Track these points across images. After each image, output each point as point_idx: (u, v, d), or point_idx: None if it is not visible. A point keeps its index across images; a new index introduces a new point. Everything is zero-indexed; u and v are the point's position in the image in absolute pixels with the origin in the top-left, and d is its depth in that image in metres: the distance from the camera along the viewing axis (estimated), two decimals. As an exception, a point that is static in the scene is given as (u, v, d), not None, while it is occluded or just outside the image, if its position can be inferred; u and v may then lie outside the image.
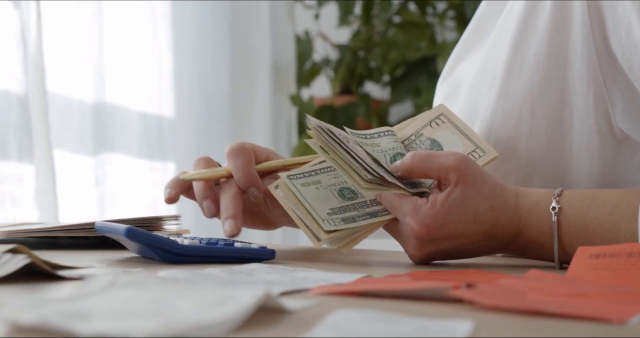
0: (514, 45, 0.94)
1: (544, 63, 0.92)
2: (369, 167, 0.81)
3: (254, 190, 0.90)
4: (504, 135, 0.95)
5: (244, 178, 0.90)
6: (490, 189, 0.83)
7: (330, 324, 0.44)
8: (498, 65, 0.96)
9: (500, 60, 0.96)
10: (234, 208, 0.89)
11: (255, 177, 0.90)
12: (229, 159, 0.92)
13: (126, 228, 0.79)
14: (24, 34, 1.49)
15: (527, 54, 0.93)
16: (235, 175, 0.90)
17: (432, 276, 0.72)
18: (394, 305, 0.55)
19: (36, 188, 1.51)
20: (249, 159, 0.91)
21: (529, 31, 0.94)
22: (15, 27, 1.48)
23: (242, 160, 0.91)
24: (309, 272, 0.71)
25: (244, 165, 0.90)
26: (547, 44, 0.92)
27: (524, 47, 0.94)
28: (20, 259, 0.63)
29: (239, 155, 0.91)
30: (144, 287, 0.48)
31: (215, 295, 0.46)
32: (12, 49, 1.47)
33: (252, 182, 0.90)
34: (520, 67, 0.94)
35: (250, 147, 0.93)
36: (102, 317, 0.43)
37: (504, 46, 0.96)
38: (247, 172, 0.90)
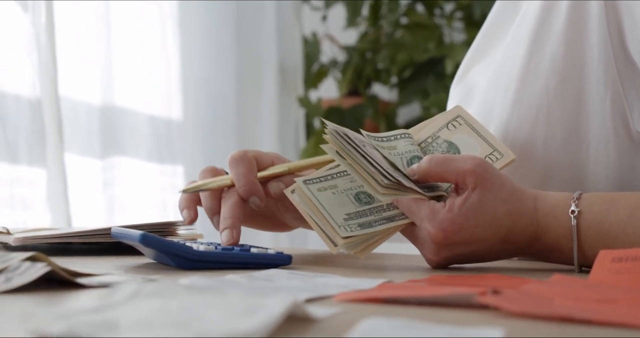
0: (530, 47, 0.94)
1: (560, 65, 0.92)
2: (386, 172, 0.81)
3: (255, 199, 0.90)
4: (520, 138, 0.94)
5: (245, 187, 0.90)
6: (508, 193, 0.82)
7: (361, 332, 0.44)
8: (514, 67, 0.95)
9: (516, 62, 0.95)
10: (232, 218, 0.89)
11: (256, 186, 0.90)
12: (230, 168, 0.92)
13: (141, 235, 0.78)
14: (37, 38, 1.48)
15: (544, 56, 0.93)
16: (236, 183, 0.90)
17: (452, 281, 0.72)
18: (420, 312, 0.54)
19: (47, 192, 1.50)
20: (250, 167, 0.91)
21: (545, 33, 0.93)
22: (28, 30, 1.47)
23: (243, 168, 0.91)
24: (329, 277, 0.71)
25: (245, 174, 0.90)
26: (564, 46, 0.92)
27: (540, 49, 0.93)
28: (40, 267, 0.62)
29: (240, 163, 0.91)
30: (171, 296, 0.48)
31: (244, 304, 0.45)
32: (24, 53, 1.47)
33: (253, 191, 0.90)
34: (536, 69, 0.93)
35: (253, 154, 0.93)
36: (130, 328, 0.42)
37: (519, 48, 0.95)
38: (248, 181, 0.90)
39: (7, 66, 1.44)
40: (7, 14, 1.46)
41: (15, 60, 1.46)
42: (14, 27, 1.46)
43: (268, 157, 0.94)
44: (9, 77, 1.45)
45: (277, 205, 0.96)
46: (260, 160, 0.93)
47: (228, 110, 2.26)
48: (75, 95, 1.72)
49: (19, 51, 1.47)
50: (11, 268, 0.63)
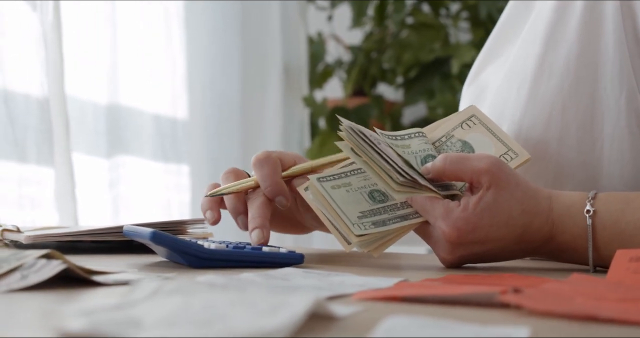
0: (544, 46, 0.93)
1: (574, 64, 0.91)
2: (401, 170, 0.80)
3: (282, 199, 0.90)
4: (533, 138, 0.94)
5: (271, 188, 0.90)
6: (523, 192, 0.82)
7: (385, 331, 0.43)
8: (527, 66, 0.95)
9: (529, 61, 0.95)
10: (261, 217, 0.89)
11: (282, 186, 0.90)
12: (255, 169, 0.92)
13: (151, 233, 0.78)
14: (45, 37, 1.48)
15: (558, 55, 0.92)
16: (262, 184, 0.90)
17: (468, 280, 0.71)
18: (441, 311, 0.54)
19: (56, 191, 1.50)
20: (274, 168, 0.91)
21: (559, 32, 0.93)
22: (36, 29, 1.47)
23: (268, 169, 0.91)
24: (344, 276, 0.70)
25: (270, 174, 0.90)
26: (578, 45, 0.91)
27: (554, 48, 0.93)
28: (56, 265, 0.62)
29: (265, 164, 0.91)
30: (191, 294, 0.47)
31: (267, 302, 0.45)
32: (33, 52, 1.46)
33: (279, 191, 0.90)
34: (550, 68, 0.93)
35: (277, 155, 0.93)
36: (154, 325, 0.42)
37: (533, 47, 0.95)
38: (274, 181, 0.90)
39: (16, 65, 1.44)
40: (15, 12, 1.45)
41: (24, 59, 1.46)
42: (23, 26, 1.46)
43: (290, 156, 0.94)
44: (18, 76, 1.44)
45: (297, 205, 0.96)
46: (284, 160, 0.93)
47: (233, 110, 2.26)
48: (81, 94, 1.72)
49: (28, 50, 1.46)
50: (26, 266, 0.62)
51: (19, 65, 1.44)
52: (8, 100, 1.41)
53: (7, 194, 1.41)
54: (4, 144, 1.41)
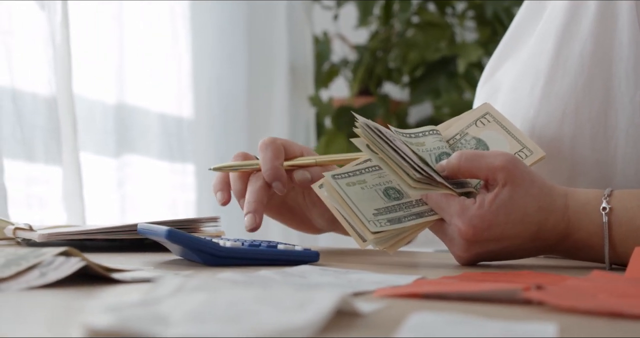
0: (557, 44, 0.93)
1: (588, 62, 0.91)
2: (417, 166, 0.80)
3: (278, 184, 0.92)
4: (547, 136, 0.93)
5: (270, 171, 0.91)
6: (538, 189, 0.81)
7: (413, 327, 0.43)
8: (541, 65, 0.94)
9: (543, 60, 0.94)
10: (256, 202, 0.90)
11: (280, 171, 0.92)
12: (259, 152, 0.94)
13: (167, 231, 0.78)
14: (53, 36, 1.48)
15: (572, 54, 0.92)
16: (262, 167, 0.92)
17: (486, 277, 0.71)
18: (463, 308, 0.53)
19: (64, 190, 1.50)
20: (276, 153, 0.92)
21: (573, 31, 0.92)
22: (44, 29, 1.47)
23: (270, 153, 0.92)
24: (362, 273, 0.70)
25: (271, 158, 0.91)
26: (592, 43, 0.91)
27: (568, 46, 0.92)
28: (75, 262, 0.61)
29: (268, 148, 0.92)
30: (215, 290, 0.47)
31: (293, 299, 0.45)
32: (41, 51, 1.46)
33: (276, 176, 0.91)
34: (564, 66, 0.92)
35: (282, 142, 0.94)
36: (181, 322, 0.41)
37: (547, 46, 0.94)
38: (273, 165, 0.91)
39: (24, 64, 1.43)
40: (24, 11, 1.45)
41: (32, 58, 1.45)
42: (31, 25, 1.46)
43: (297, 147, 0.95)
44: (26, 74, 1.44)
45: (304, 199, 0.96)
46: (289, 149, 0.94)
47: (239, 109, 2.26)
48: (88, 93, 1.72)
49: (36, 49, 1.46)
50: (45, 263, 0.62)
51: (27, 64, 1.44)
52: (16, 99, 1.41)
53: (15, 193, 1.41)
54: (12, 143, 1.41)
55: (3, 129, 1.39)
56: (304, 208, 0.98)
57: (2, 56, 1.39)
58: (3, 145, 1.37)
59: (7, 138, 1.39)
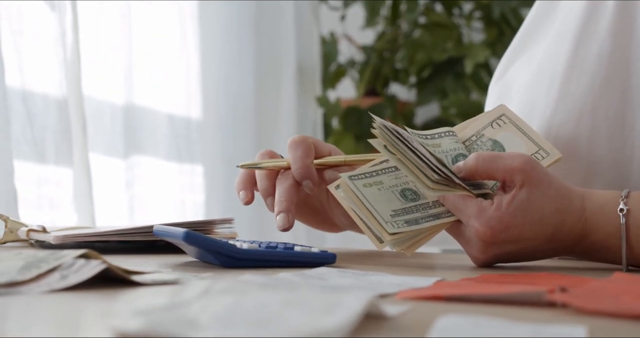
0: (575, 44, 0.93)
1: (606, 62, 0.91)
2: (436, 167, 0.80)
3: (308, 182, 0.90)
4: (563, 136, 0.93)
5: (300, 170, 0.90)
6: (555, 191, 0.81)
7: (441, 330, 0.43)
8: (558, 64, 0.94)
9: (560, 59, 0.94)
10: (287, 201, 0.89)
11: (311, 170, 0.90)
12: (289, 150, 0.92)
13: (184, 232, 0.77)
14: (63, 36, 1.48)
15: (589, 53, 0.92)
16: (293, 166, 0.90)
17: (505, 279, 0.71)
18: (486, 310, 0.53)
19: (74, 191, 1.50)
20: (307, 152, 0.91)
21: (590, 31, 0.92)
22: (55, 29, 1.46)
23: (301, 151, 0.91)
24: (381, 276, 0.70)
25: (302, 157, 0.90)
26: (610, 43, 0.91)
27: (586, 46, 0.92)
28: (96, 265, 0.61)
29: (299, 146, 0.91)
30: (242, 293, 0.47)
31: (322, 302, 0.44)
32: (51, 52, 1.46)
33: (307, 175, 0.90)
34: (581, 66, 0.92)
35: (312, 140, 0.93)
36: (210, 325, 0.41)
37: (564, 46, 0.94)
38: (304, 164, 0.90)
39: (34, 64, 1.43)
40: (35, 12, 1.45)
41: (43, 59, 1.45)
42: (41, 26, 1.46)
43: (326, 147, 0.94)
44: (37, 75, 1.44)
45: (327, 198, 0.95)
46: (319, 148, 0.93)
47: (247, 110, 2.26)
48: (97, 94, 1.72)
49: (46, 49, 1.46)
50: (65, 266, 0.62)
51: (37, 65, 1.44)
52: (27, 100, 1.41)
53: (26, 194, 1.41)
54: (23, 144, 1.41)
55: (14, 130, 1.38)
56: (326, 207, 0.97)
57: (13, 57, 1.39)
58: (14, 146, 1.37)
59: (18, 139, 1.39)
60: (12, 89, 1.39)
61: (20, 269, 0.62)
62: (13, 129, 1.39)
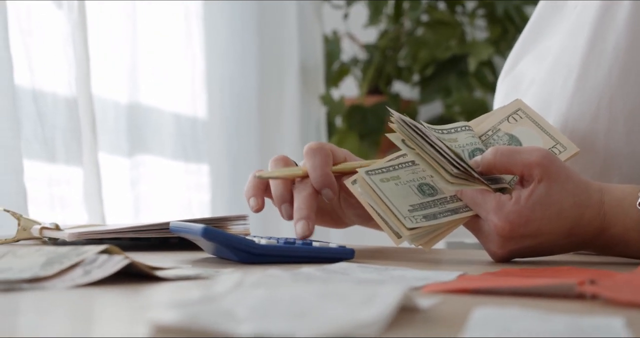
0: (591, 37, 0.93)
1: (623, 56, 0.90)
2: (455, 162, 0.80)
3: (328, 191, 0.89)
4: (580, 130, 0.93)
5: (320, 178, 0.88)
6: (574, 185, 0.81)
7: (480, 322, 0.42)
8: (574, 58, 0.94)
9: (576, 53, 0.94)
10: (307, 208, 0.87)
11: (330, 178, 0.89)
12: (306, 158, 0.90)
13: (203, 228, 0.77)
14: (72, 36, 1.47)
15: (606, 47, 0.91)
16: (312, 174, 0.89)
17: (526, 273, 0.71)
18: (516, 302, 0.53)
19: (85, 191, 1.49)
20: (326, 160, 0.90)
21: (607, 25, 0.92)
22: (63, 28, 1.46)
23: (319, 159, 0.89)
24: (403, 270, 0.70)
25: (321, 165, 0.89)
26: (627, 35, 0.90)
27: (602, 40, 0.92)
28: (119, 260, 0.61)
29: (317, 154, 0.90)
30: (275, 286, 0.47)
31: (358, 294, 0.44)
32: (60, 51, 1.46)
33: (327, 183, 0.89)
34: (598, 60, 0.92)
35: (329, 147, 0.91)
36: (248, 317, 0.41)
37: (580, 40, 0.94)
38: (324, 172, 0.89)
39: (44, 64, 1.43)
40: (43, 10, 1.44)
41: (52, 58, 1.45)
42: (50, 25, 1.45)
43: (342, 152, 0.92)
44: (46, 74, 1.44)
45: (339, 202, 0.95)
46: (336, 154, 0.91)
47: (251, 109, 2.25)
48: (103, 93, 1.71)
49: (56, 48, 1.45)
50: (87, 261, 0.62)
51: (47, 64, 1.44)
52: (37, 99, 1.40)
53: (37, 194, 1.40)
54: (34, 143, 1.40)
55: (24, 129, 1.38)
56: (338, 209, 0.96)
57: (22, 56, 1.38)
58: (24, 146, 1.36)
59: (28, 138, 1.39)
60: (22, 88, 1.39)
61: (42, 265, 0.62)
62: (23, 129, 1.38)
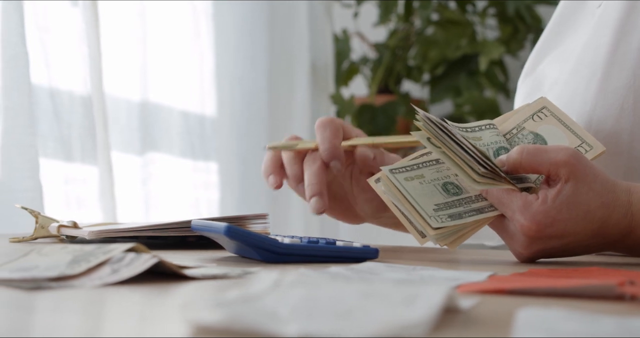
0: (615, 37, 0.92)
1: (648, 56, 0.89)
2: (482, 160, 0.78)
3: (337, 163, 0.90)
4: (604, 130, 0.92)
5: (329, 150, 0.89)
6: (601, 185, 0.80)
7: (529, 323, 0.41)
8: (597, 57, 0.93)
9: (600, 52, 0.93)
10: (319, 184, 0.88)
11: (339, 150, 0.90)
12: (317, 131, 0.92)
13: (226, 227, 0.76)
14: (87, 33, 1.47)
15: (630, 48, 0.90)
16: (321, 146, 0.90)
17: (555, 274, 0.70)
18: (555, 302, 0.52)
19: (100, 189, 1.49)
20: (336, 133, 0.91)
21: (631, 25, 0.91)
22: (78, 26, 1.45)
23: (329, 132, 0.90)
24: (431, 270, 0.69)
25: (330, 137, 0.90)
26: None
27: (626, 40, 0.91)
28: (147, 259, 0.60)
29: (327, 127, 0.91)
30: (314, 285, 0.46)
31: (401, 294, 0.43)
32: (75, 49, 1.45)
33: (335, 155, 0.90)
34: (622, 60, 0.91)
35: (340, 122, 0.92)
36: (292, 316, 0.40)
37: (603, 39, 0.93)
38: (333, 144, 0.89)
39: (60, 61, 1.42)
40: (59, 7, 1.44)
41: (68, 55, 1.44)
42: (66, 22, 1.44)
43: (354, 130, 0.94)
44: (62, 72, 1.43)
45: (351, 185, 0.94)
46: (347, 130, 0.92)
47: (260, 107, 2.25)
48: (115, 91, 1.70)
49: (71, 46, 1.45)
50: (114, 260, 0.61)
51: (63, 61, 1.43)
52: (54, 97, 1.40)
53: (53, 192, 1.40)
54: (50, 141, 1.40)
55: (40, 127, 1.37)
56: (349, 195, 0.96)
57: (39, 53, 1.37)
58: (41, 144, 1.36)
59: (45, 136, 1.38)
60: (38, 86, 1.38)
61: (69, 263, 0.61)
62: (40, 126, 1.37)
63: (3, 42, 1.31)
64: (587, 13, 1.03)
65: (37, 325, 0.44)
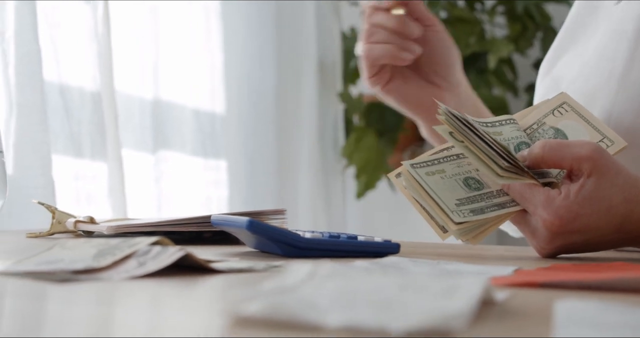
0: (635, 34, 0.91)
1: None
2: (506, 155, 0.78)
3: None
4: (624, 126, 0.91)
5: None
6: (624, 180, 0.79)
7: (570, 315, 0.41)
8: (618, 53, 0.93)
9: (620, 48, 0.92)
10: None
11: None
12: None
13: (248, 221, 0.76)
14: (96, 30, 1.46)
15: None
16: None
17: (579, 268, 0.69)
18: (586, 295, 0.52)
19: (109, 186, 1.48)
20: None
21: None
22: (88, 22, 1.45)
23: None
24: (456, 264, 0.68)
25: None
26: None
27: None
28: (174, 252, 0.60)
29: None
30: (351, 277, 0.45)
31: (438, 285, 0.43)
32: (86, 45, 1.45)
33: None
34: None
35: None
36: (331, 307, 0.40)
37: (624, 35, 0.93)
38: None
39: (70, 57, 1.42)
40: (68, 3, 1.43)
41: (78, 52, 1.44)
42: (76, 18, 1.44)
43: None
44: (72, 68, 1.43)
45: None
46: None
47: (269, 105, 2.24)
48: (126, 88, 1.70)
49: (81, 42, 1.44)
50: (140, 253, 0.61)
51: (73, 58, 1.43)
52: (64, 93, 1.39)
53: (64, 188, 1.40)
54: (60, 138, 1.40)
55: (52, 123, 1.37)
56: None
57: (50, 49, 1.37)
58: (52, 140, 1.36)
59: (56, 133, 1.38)
60: (49, 82, 1.38)
61: (94, 256, 0.61)
62: (50, 123, 1.37)
63: (16, 39, 1.30)
64: (604, 12, 1.03)
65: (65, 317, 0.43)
